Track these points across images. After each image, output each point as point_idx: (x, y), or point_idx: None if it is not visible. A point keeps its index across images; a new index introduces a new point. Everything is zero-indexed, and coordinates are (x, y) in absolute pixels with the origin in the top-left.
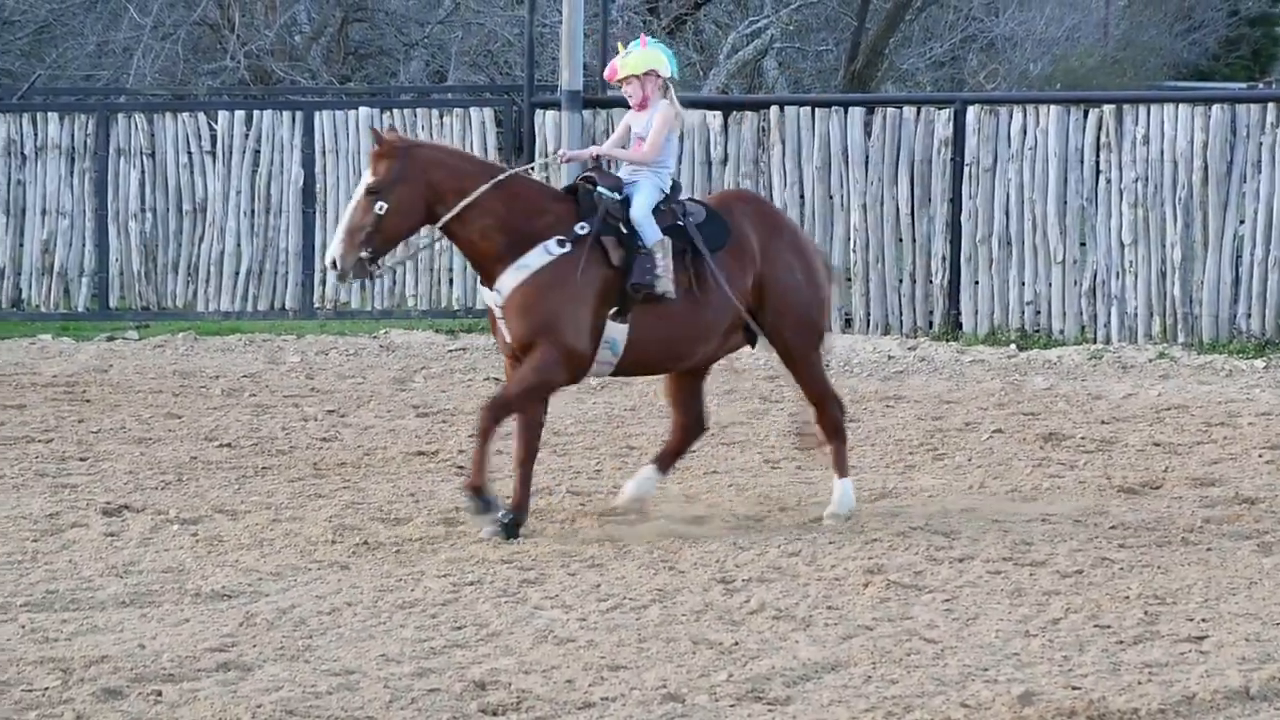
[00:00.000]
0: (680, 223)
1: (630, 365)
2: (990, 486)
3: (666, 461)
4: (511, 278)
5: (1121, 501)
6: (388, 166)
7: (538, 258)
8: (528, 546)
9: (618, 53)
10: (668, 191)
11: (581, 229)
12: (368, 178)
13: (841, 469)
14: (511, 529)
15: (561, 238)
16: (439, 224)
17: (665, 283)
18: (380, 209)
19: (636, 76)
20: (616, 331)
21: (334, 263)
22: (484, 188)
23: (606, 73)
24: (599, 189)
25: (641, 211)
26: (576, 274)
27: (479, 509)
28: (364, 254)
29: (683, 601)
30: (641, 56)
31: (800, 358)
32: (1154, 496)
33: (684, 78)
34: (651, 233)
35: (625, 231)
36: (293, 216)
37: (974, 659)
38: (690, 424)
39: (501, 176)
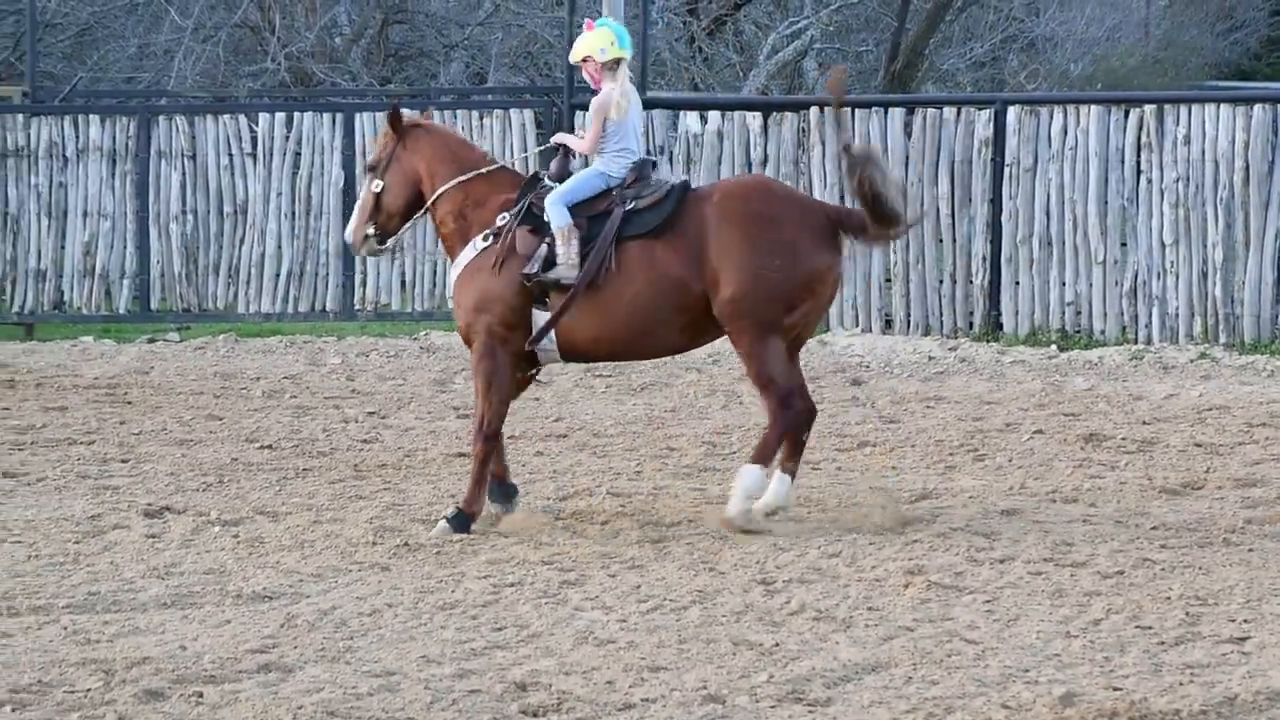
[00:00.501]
0: (616, 208)
1: (571, 352)
2: (1031, 487)
3: (790, 462)
4: (452, 273)
5: (1163, 502)
6: (383, 146)
7: (468, 254)
8: (568, 548)
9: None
10: (619, 177)
11: (501, 219)
12: (370, 156)
13: (759, 457)
14: (461, 523)
15: (488, 232)
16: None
17: (562, 269)
18: (377, 187)
19: (579, 63)
20: (541, 319)
21: (347, 237)
22: (452, 182)
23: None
24: (544, 179)
25: (552, 199)
26: (495, 265)
27: (503, 503)
28: (370, 231)
29: (723, 603)
30: (580, 43)
31: (741, 346)
32: (1195, 497)
33: (724, 78)
34: (556, 219)
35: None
36: (333, 218)
37: (1015, 660)
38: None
39: (480, 170)
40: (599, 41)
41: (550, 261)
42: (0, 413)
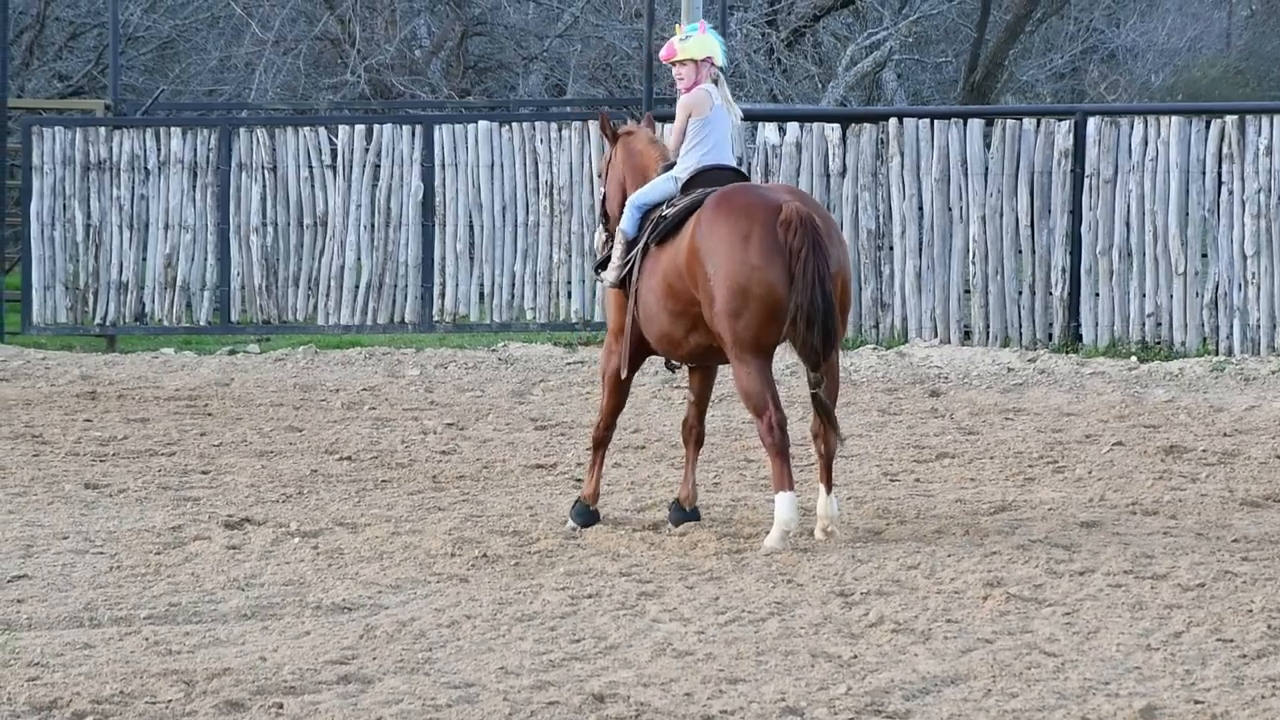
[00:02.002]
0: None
1: (658, 349)
2: (1111, 499)
3: (822, 477)
4: None
5: (1244, 514)
6: (605, 153)
7: None
8: (646, 560)
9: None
10: (682, 179)
11: None
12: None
13: (775, 482)
14: (581, 516)
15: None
16: None
17: (609, 273)
18: (600, 193)
19: (695, 61)
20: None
21: (595, 242)
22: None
23: (663, 52)
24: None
25: (630, 200)
26: None
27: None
28: (603, 234)
29: (801, 614)
30: (701, 42)
31: (730, 359)
32: (1278, 509)
33: (802, 90)
34: (623, 223)
35: None
36: (412, 230)
37: (1095, 673)
38: (817, 431)
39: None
40: (719, 47)
41: (606, 262)
42: (83, 424)
